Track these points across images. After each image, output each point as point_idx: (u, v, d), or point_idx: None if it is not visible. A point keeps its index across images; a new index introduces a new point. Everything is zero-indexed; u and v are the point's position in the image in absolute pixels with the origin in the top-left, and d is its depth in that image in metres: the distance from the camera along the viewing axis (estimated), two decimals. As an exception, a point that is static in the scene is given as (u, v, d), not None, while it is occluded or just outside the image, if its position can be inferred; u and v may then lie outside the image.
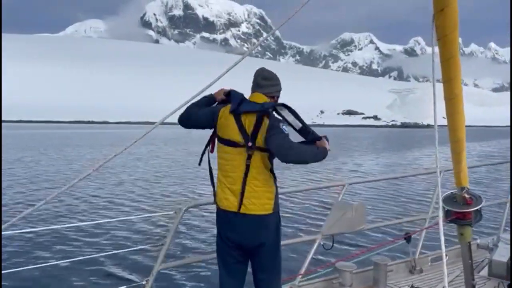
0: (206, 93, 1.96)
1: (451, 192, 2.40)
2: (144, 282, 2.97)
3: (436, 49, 1.75)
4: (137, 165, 22.33)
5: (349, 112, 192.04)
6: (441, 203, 2.13)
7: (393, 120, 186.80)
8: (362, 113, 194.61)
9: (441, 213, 1.97)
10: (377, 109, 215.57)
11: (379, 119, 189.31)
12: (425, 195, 12.61)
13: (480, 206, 2.30)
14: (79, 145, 38.32)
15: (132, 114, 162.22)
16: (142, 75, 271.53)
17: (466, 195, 2.29)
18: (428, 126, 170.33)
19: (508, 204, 4.89)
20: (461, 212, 2.30)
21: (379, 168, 22.54)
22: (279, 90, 2.87)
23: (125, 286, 3.19)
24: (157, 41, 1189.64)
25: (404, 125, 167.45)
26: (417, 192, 13.95)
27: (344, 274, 3.64)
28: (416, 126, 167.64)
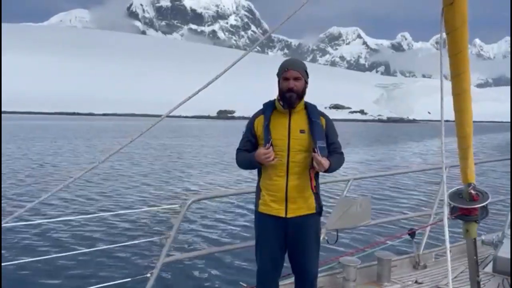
0: (208, 88, 1.93)
1: (457, 188, 2.36)
2: (148, 275, 2.98)
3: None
4: (138, 157, 22.16)
5: (336, 107, 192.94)
6: (446, 199, 2.09)
7: (379, 115, 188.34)
8: (349, 108, 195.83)
9: (446, 209, 1.92)
10: (364, 103, 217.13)
11: (365, 113, 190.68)
12: (430, 191, 12.56)
13: (486, 202, 2.28)
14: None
15: (118, 106, 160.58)
16: (129, 67, 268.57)
17: (473, 191, 2.25)
18: (414, 120, 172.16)
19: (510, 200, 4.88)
20: (467, 208, 2.27)
21: (367, 164, 22.70)
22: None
23: (129, 279, 3.19)
24: (144, 32, 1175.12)
25: (390, 120, 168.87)
26: (422, 187, 13.91)
27: (348, 269, 3.64)
28: (401, 120, 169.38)
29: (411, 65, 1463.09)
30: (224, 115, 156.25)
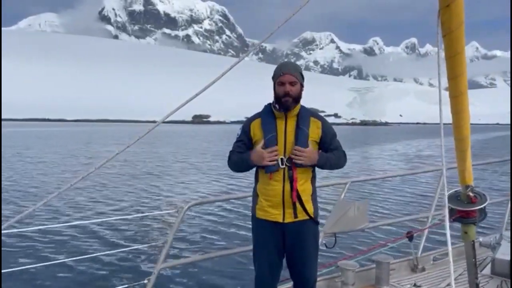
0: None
1: (455, 191, 2.34)
2: (145, 281, 2.96)
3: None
4: (134, 163, 21.84)
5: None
6: (446, 201, 2.07)
7: (353, 118, 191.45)
8: (323, 111, 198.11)
9: (447, 211, 1.92)
10: (338, 107, 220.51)
11: (339, 117, 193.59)
12: (427, 193, 12.58)
13: (484, 204, 2.27)
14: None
15: (91, 112, 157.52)
16: (101, 71, 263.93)
17: (471, 194, 2.25)
18: (386, 123, 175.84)
19: (509, 202, 4.91)
20: (465, 211, 2.26)
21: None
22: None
23: (126, 285, 3.17)
24: (116, 37, 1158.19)
25: (363, 123, 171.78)
26: (419, 190, 13.98)
27: (346, 272, 3.62)
28: (374, 123, 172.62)
29: (382, 69, 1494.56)
30: (199, 119, 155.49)
